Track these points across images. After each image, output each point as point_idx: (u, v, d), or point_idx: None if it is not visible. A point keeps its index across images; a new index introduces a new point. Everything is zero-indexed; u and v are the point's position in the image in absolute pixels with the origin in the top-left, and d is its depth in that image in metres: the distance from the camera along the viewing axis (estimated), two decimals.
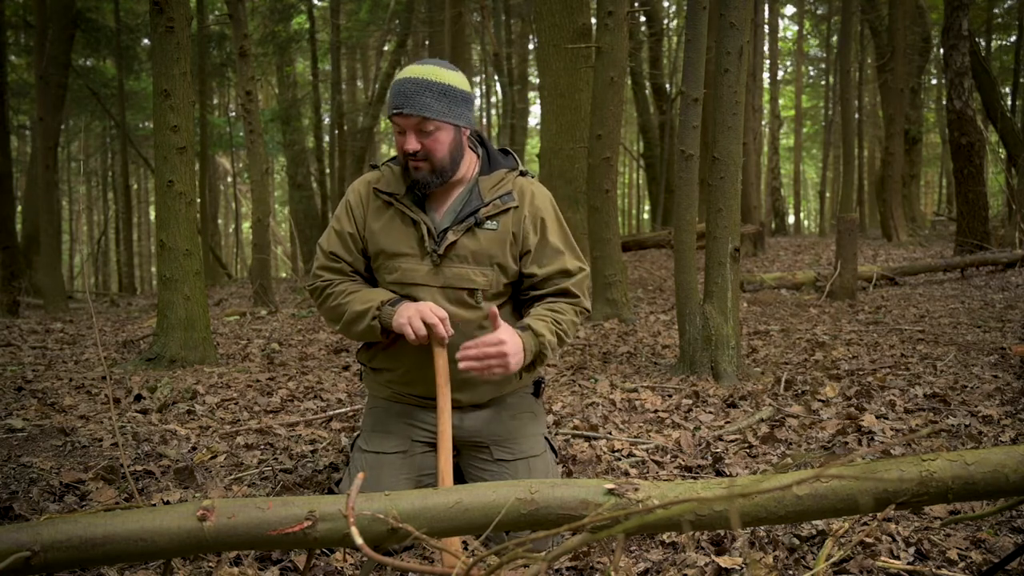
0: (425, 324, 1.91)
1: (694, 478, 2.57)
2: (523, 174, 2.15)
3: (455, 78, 2.02)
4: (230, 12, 8.50)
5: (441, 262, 2.04)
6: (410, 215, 2.06)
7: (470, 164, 2.12)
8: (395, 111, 1.96)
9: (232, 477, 2.58)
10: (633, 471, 2.62)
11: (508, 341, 1.86)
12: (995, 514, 1.65)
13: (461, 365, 1.85)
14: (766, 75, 18.62)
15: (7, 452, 2.75)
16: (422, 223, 2.04)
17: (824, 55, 23.32)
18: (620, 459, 2.73)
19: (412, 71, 2.00)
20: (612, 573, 1.80)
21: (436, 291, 2.04)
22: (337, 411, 3.42)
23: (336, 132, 16.06)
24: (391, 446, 2.15)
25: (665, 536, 2.01)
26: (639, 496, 1.31)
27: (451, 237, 2.03)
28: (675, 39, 19.78)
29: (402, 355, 2.09)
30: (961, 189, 9.96)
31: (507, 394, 2.21)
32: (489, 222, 2.05)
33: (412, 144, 1.97)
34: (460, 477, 2.24)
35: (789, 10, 24.62)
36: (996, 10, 18.63)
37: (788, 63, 26.36)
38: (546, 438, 2.25)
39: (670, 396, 3.67)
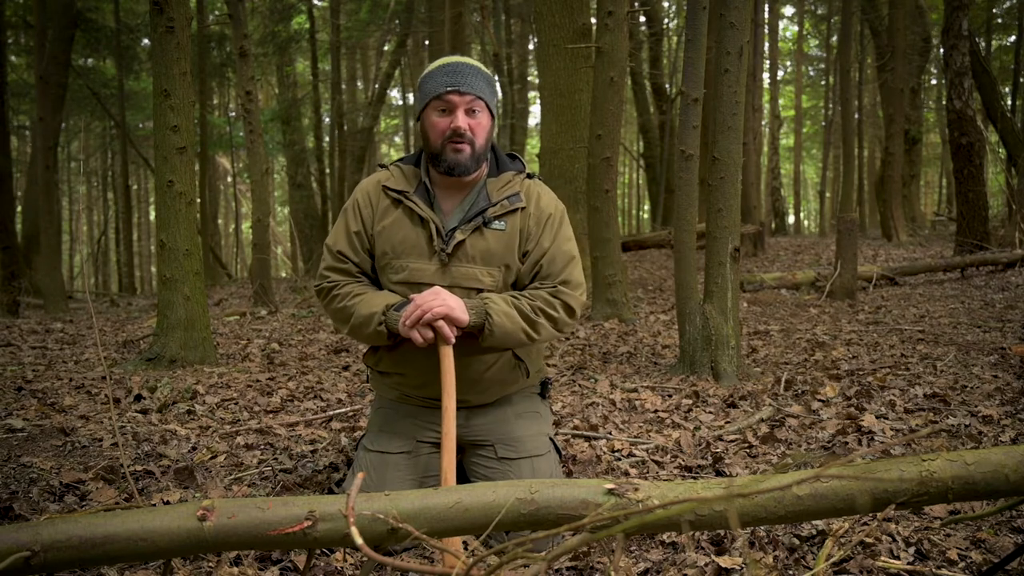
0: (431, 327, 1.92)
1: (694, 478, 2.57)
2: (530, 177, 2.16)
3: None
4: (230, 12, 8.50)
5: (449, 261, 2.04)
6: (419, 213, 2.06)
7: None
8: (450, 88, 1.98)
9: (232, 477, 2.58)
10: (633, 471, 2.62)
11: (442, 291, 1.94)
12: (995, 514, 1.65)
13: (409, 332, 1.92)
14: (766, 75, 18.62)
15: (7, 452, 2.75)
16: (431, 221, 2.04)
17: (824, 55, 23.31)
18: (620, 459, 2.73)
19: (456, 58, 2.06)
20: (612, 573, 1.80)
21: None
22: (337, 411, 3.42)
23: (336, 132, 16.06)
24: (396, 446, 2.15)
25: (665, 536, 2.01)
26: (639, 496, 1.31)
27: (459, 236, 2.03)
28: (675, 39, 19.79)
29: (409, 359, 2.09)
30: (961, 189, 9.96)
31: (513, 393, 2.21)
32: (497, 222, 2.05)
33: (463, 122, 2.00)
34: (464, 476, 2.24)
35: (789, 10, 24.62)
36: (996, 10, 18.64)
37: (788, 63, 26.36)
38: (551, 438, 2.25)
39: (670, 396, 3.67)
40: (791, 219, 23.87)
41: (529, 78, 19.43)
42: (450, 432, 1.82)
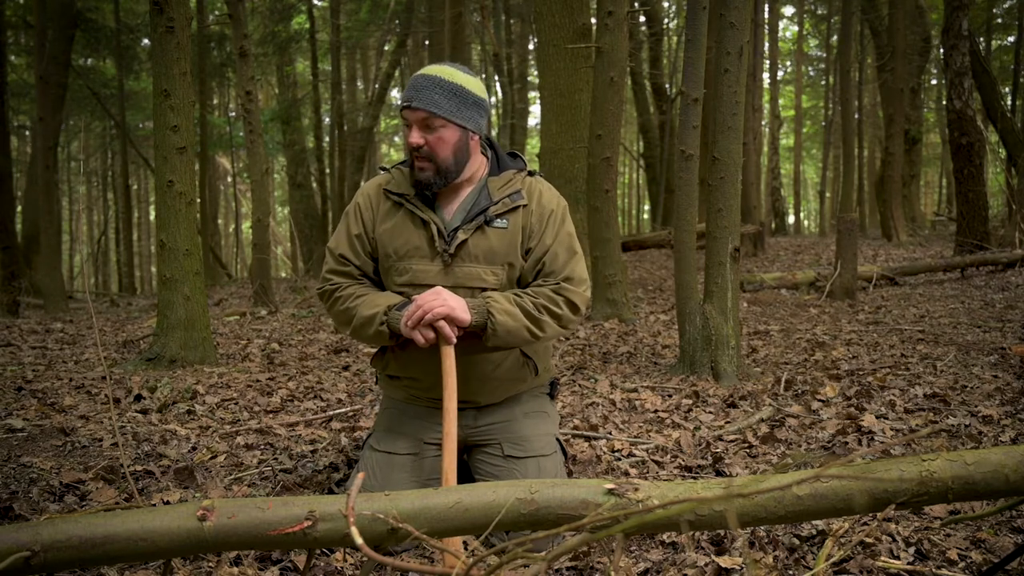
0: (432, 327, 1.92)
1: (694, 478, 2.57)
2: (531, 174, 2.16)
3: (470, 82, 2.04)
4: (230, 12, 8.50)
5: (452, 261, 2.04)
6: (420, 215, 2.06)
7: (479, 166, 2.12)
8: (404, 104, 1.99)
9: (232, 477, 2.58)
10: (633, 471, 2.62)
11: (444, 291, 1.94)
12: (995, 514, 1.65)
13: (410, 330, 1.93)
14: (766, 75, 18.62)
15: (7, 452, 2.75)
16: (432, 223, 2.04)
17: (824, 55, 23.32)
18: (620, 459, 2.74)
19: (428, 69, 2.04)
20: (612, 573, 1.80)
21: None
22: (337, 411, 3.42)
23: (336, 132, 16.06)
24: (402, 447, 2.15)
25: (665, 536, 2.01)
26: (639, 496, 1.31)
27: (461, 236, 2.03)
28: (675, 39, 19.79)
29: (416, 361, 2.09)
30: (961, 189, 9.96)
31: (522, 392, 2.21)
32: (499, 220, 2.05)
33: (415, 138, 1.98)
34: (468, 475, 2.24)
35: (789, 10, 24.63)
36: (996, 10, 18.64)
37: (788, 63, 26.36)
38: (557, 439, 2.25)
39: (670, 396, 3.67)
40: (791, 219, 23.88)
41: (529, 78, 19.43)
42: (451, 432, 1.82)
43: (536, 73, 12.88)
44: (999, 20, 19.16)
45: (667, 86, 17.95)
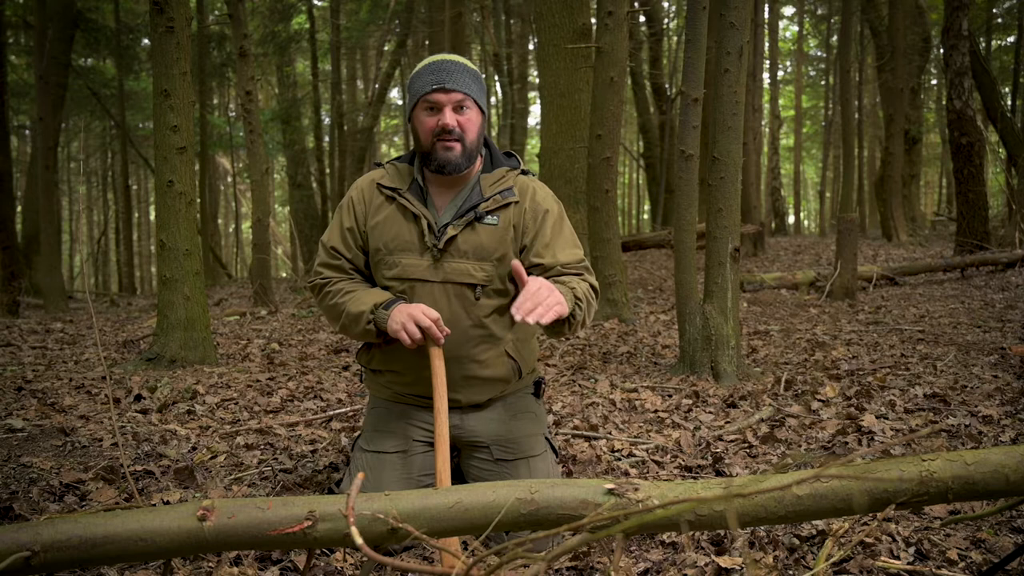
0: (420, 327, 1.91)
1: (694, 478, 2.57)
2: (524, 173, 2.16)
3: (477, 69, 2.11)
4: (230, 12, 8.51)
5: (441, 257, 2.04)
6: (411, 210, 2.07)
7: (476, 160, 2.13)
8: (436, 87, 1.98)
9: (232, 477, 2.58)
10: (633, 471, 2.62)
11: (547, 282, 1.83)
12: (995, 514, 1.65)
13: (529, 319, 1.71)
14: (766, 75, 18.62)
15: (7, 452, 2.75)
16: (423, 217, 2.05)
17: (824, 55, 23.32)
18: (620, 459, 2.74)
19: (443, 56, 2.07)
20: (612, 573, 1.80)
21: (436, 286, 2.04)
22: (337, 411, 3.42)
23: (336, 132, 16.06)
24: (391, 446, 2.15)
25: (665, 536, 2.01)
26: (639, 496, 1.31)
27: (451, 232, 2.03)
28: (675, 39, 19.78)
29: (400, 356, 2.09)
30: (961, 189, 9.96)
31: (508, 394, 2.21)
32: (489, 217, 2.06)
33: (451, 119, 1.99)
34: (460, 478, 2.24)
35: (789, 10, 24.63)
36: (996, 10, 18.63)
37: (788, 63, 26.37)
38: (546, 438, 2.25)
39: (670, 396, 3.67)
40: (791, 219, 23.88)
41: (529, 78, 19.42)
42: (443, 434, 1.82)
43: (536, 73, 12.88)
44: (999, 20, 19.15)
45: (667, 86, 17.93)
